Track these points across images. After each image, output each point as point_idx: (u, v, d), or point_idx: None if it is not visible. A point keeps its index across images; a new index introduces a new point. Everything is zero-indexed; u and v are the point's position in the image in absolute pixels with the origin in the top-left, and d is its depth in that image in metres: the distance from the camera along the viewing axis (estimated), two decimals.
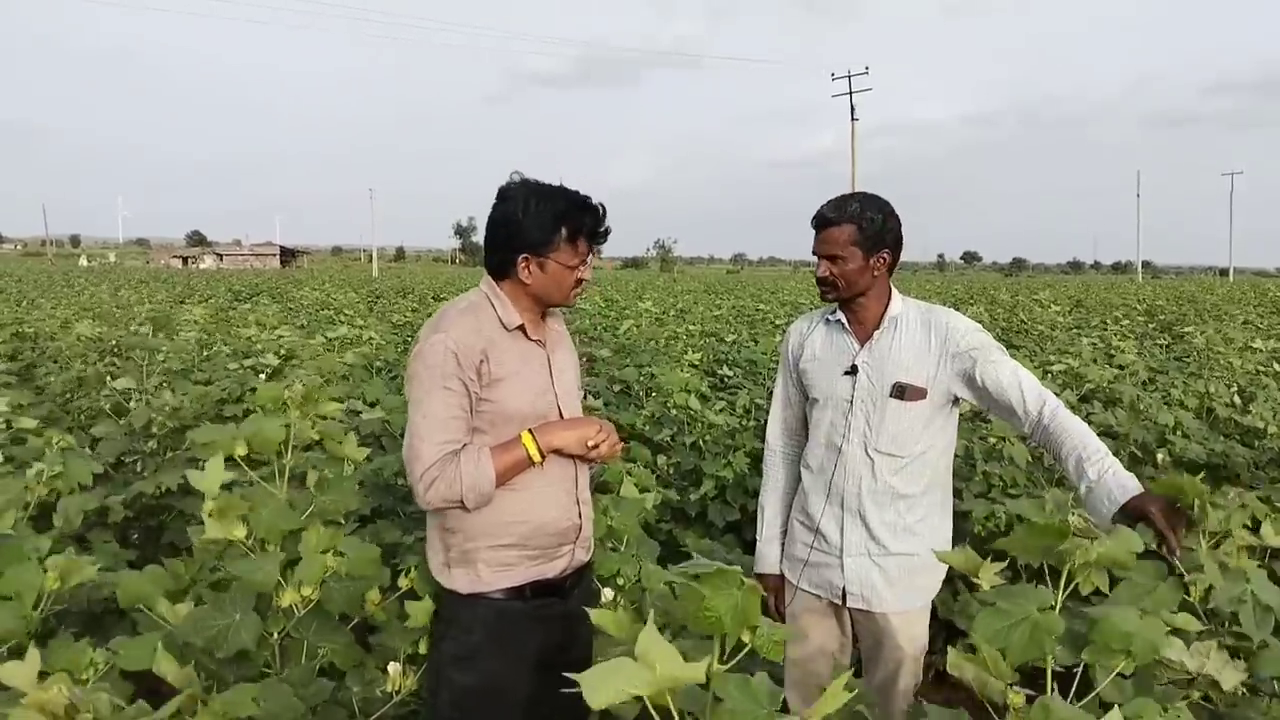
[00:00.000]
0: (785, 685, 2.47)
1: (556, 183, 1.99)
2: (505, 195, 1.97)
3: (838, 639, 2.40)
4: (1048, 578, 1.32)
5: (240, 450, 1.97)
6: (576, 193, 1.98)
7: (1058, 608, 1.24)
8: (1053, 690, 1.23)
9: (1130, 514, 1.81)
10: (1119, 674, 1.26)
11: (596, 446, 1.99)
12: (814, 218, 2.29)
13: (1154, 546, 1.68)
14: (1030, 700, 1.19)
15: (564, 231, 1.94)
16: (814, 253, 2.29)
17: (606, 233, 2.03)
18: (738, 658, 1.07)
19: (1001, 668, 1.26)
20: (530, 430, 1.94)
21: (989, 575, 1.37)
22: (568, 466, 2.02)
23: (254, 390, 3.03)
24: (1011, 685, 1.27)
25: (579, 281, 2.01)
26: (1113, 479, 1.89)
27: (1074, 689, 1.28)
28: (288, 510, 1.97)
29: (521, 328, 1.99)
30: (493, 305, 1.98)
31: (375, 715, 2.02)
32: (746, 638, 1.05)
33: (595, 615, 1.20)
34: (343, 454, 2.18)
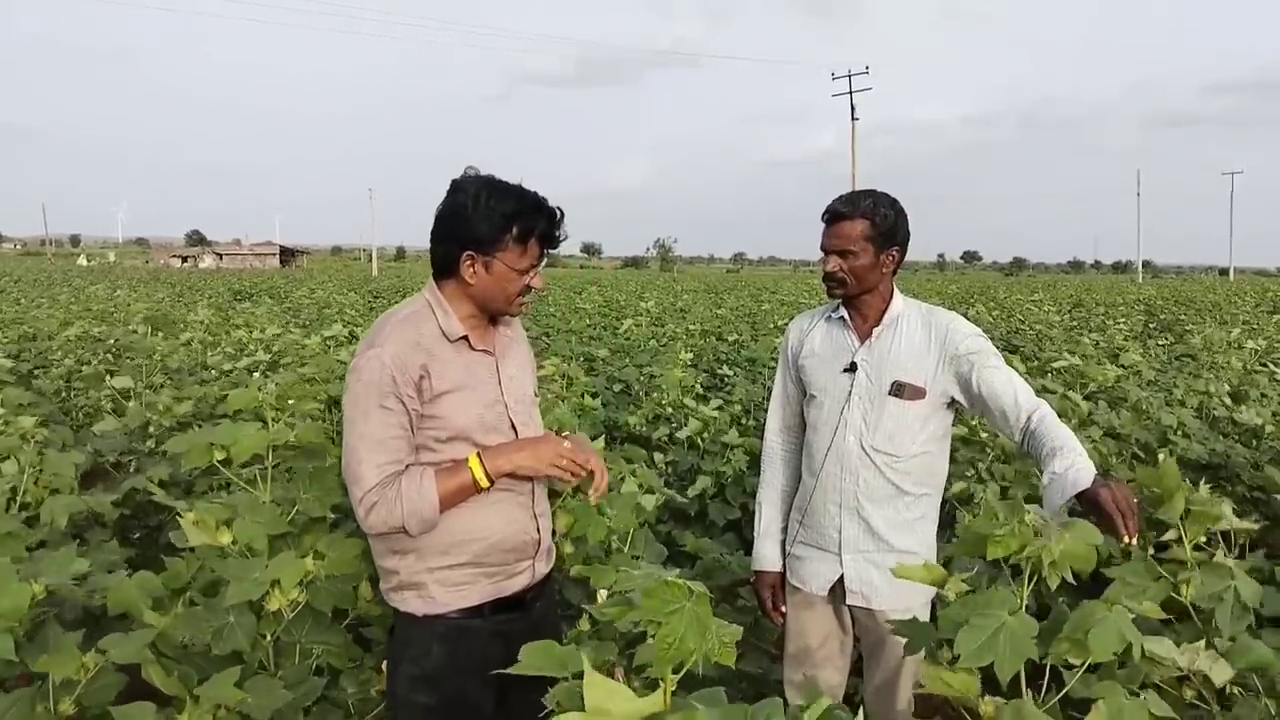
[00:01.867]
0: (785, 685, 2.47)
1: (516, 182, 1.87)
2: (457, 187, 1.85)
3: (838, 637, 2.40)
4: (1008, 574, 1.32)
5: (218, 457, 1.94)
6: (533, 193, 1.86)
7: (1022, 605, 1.24)
8: (1026, 688, 1.23)
9: (1086, 501, 1.82)
10: (1089, 666, 1.27)
11: (564, 469, 1.87)
12: (825, 212, 2.28)
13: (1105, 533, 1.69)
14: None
15: (514, 231, 1.81)
16: (823, 248, 2.27)
17: (560, 238, 1.90)
18: (686, 667, 1.02)
19: (970, 685, 1.25)
20: (479, 454, 1.82)
21: (956, 587, 1.37)
22: (523, 480, 1.90)
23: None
24: (983, 695, 1.27)
25: (527, 289, 1.88)
26: (1075, 472, 1.88)
27: (1045, 681, 1.28)
28: (269, 515, 1.93)
29: (465, 338, 1.87)
30: (434, 314, 1.86)
31: (370, 715, 2.01)
32: (696, 644, 1.00)
33: None
34: (322, 452, 2.15)
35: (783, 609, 2.46)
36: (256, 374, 5.20)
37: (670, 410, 4.84)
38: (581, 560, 2.31)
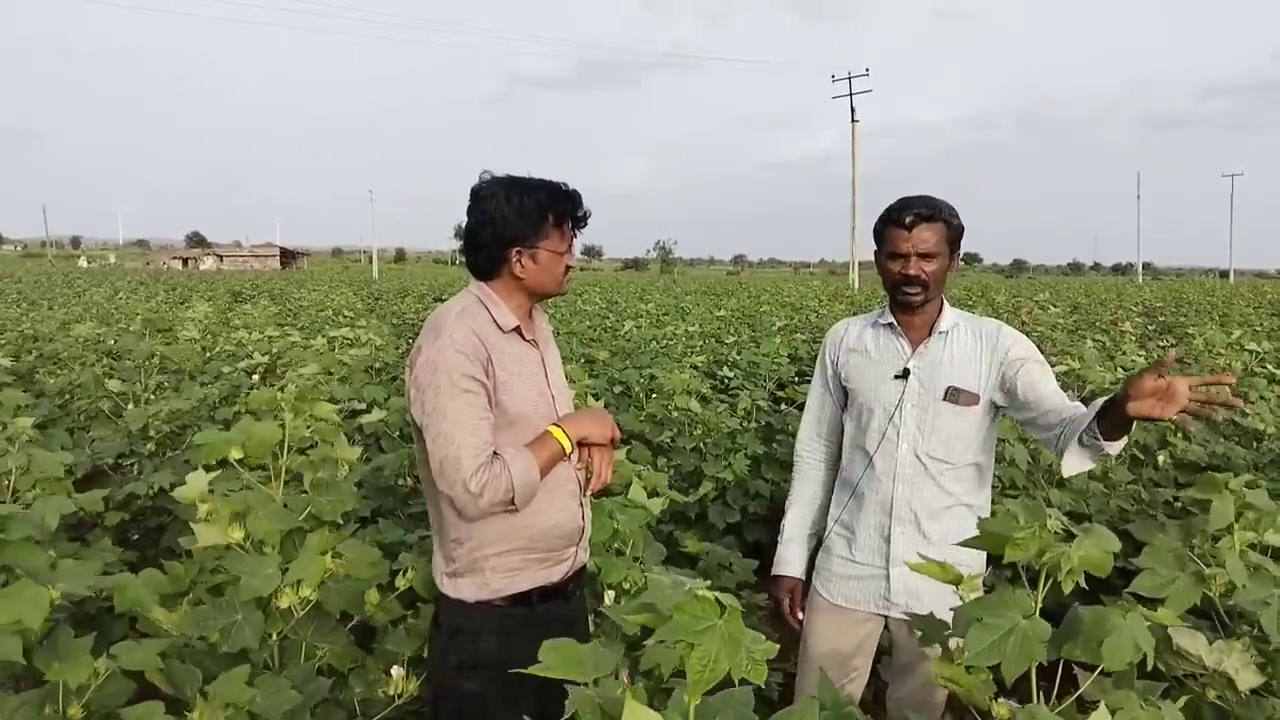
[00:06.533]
0: (797, 694, 2.44)
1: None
2: (482, 194, 1.96)
3: (861, 650, 2.35)
4: (1023, 576, 1.32)
5: (235, 454, 1.96)
6: (554, 181, 1.99)
7: (1037, 609, 1.24)
8: (1038, 693, 1.23)
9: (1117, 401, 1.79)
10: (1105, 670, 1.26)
11: (611, 442, 2.02)
12: (903, 215, 2.19)
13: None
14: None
15: (550, 218, 1.95)
16: (899, 252, 2.20)
17: (587, 216, 2.04)
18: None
19: (981, 687, 1.25)
20: (556, 423, 1.95)
21: (969, 586, 1.37)
22: (569, 468, 2.01)
23: (248, 391, 2.99)
24: (997, 697, 1.27)
25: (567, 268, 2.02)
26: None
27: (1056, 685, 1.28)
28: (283, 512, 1.95)
29: (517, 329, 1.97)
30: (486, 308, 1.95)
31: (377, 718, 2.01)
32: (731, 664, 0.96)
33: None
34: (336, 455, 2.16)
35: (799, 615, 2.43)
36: (255, 376, 5.21)
37: (675, 413, 4.84)
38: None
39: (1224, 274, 74.64)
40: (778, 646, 1.04)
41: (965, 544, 1.38)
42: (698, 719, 0.97)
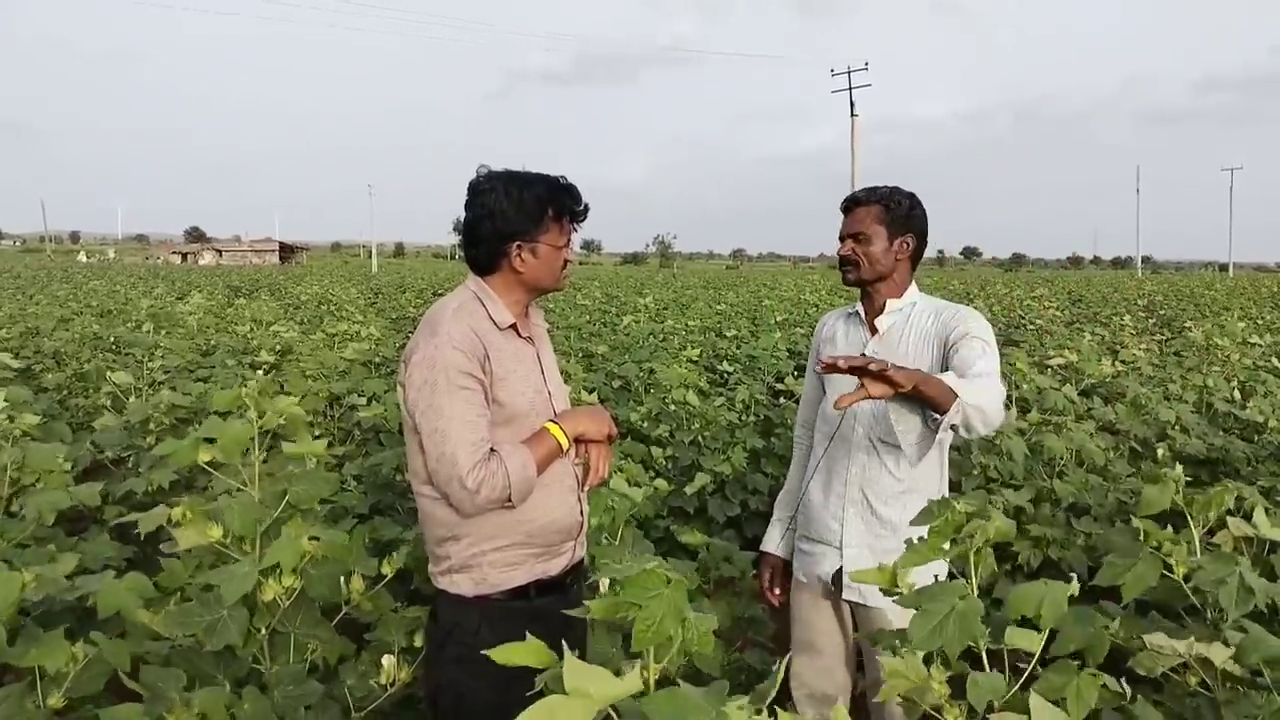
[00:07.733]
0: (791, 678, 2.47)
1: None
2: (481, 189, 1.97)
3: (842, 632, 2.41)
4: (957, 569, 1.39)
5: (205, 457, 1.95)
6: (553, 175, 2.00)
7: (973, 591, 1.30)
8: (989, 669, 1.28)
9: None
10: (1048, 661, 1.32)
11: (608, 437, 2.03)
12: (843, 202, 2.35)
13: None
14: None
15: (550, 213, 1.96)
16: (840, 236, 2.33)
17: (586, 210, 2.05)
18: (671, 653, 1.07)
19: (921, 672, 1.33)
20: (554, 419, 1.96)
21: (906, 583, 1.43)
22: (567, 464, 2.01)
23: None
24: (940, 678, 1.32)
25: (565, 263, 2.03)
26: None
27: (1006, 675, 1.32)
28: (258, 505, 1.94)
29: (513, 326, 1.98)
30: (483, 305, 1.96)
31: (370, 708, 2.02)
32: (675, 631, 1.05)
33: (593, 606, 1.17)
34: (304, 450, 2.13)
35: (777, 591, 2.53)
36: (259, 371, 5.21)
37: (673, 407, 4.84)
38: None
39: (1223, 267, 74.63)
40: (715, 620, 1.11)
41: (903, 561, 1.43)
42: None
